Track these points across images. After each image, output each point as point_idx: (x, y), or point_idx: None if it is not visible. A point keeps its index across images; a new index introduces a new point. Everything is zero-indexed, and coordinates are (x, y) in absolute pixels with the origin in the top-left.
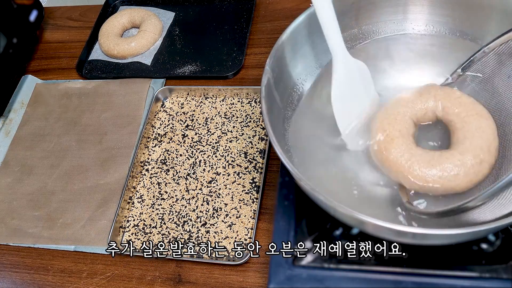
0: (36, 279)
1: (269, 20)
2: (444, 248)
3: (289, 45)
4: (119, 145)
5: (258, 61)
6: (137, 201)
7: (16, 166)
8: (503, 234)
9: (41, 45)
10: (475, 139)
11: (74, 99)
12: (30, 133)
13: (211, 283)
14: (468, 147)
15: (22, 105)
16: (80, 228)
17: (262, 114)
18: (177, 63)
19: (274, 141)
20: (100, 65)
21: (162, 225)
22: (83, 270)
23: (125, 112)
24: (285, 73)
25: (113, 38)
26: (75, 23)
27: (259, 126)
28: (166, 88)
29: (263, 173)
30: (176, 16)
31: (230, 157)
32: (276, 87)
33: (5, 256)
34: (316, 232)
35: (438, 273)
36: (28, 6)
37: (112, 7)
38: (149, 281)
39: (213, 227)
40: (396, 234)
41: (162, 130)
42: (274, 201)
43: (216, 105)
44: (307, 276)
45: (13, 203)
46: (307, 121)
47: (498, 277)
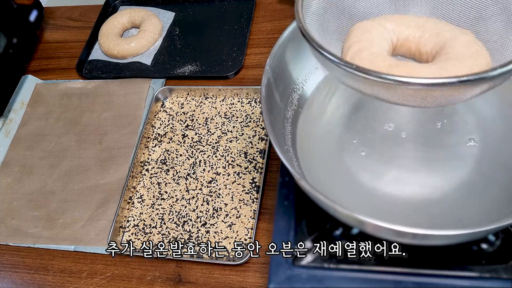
0: (36, 279)
1: (269, 20)
2: (444, 248)
3: (289, 45)
4: (119, 145)
5: (258, 61)
6: (137, 201)
7: (16, 166)
8: (503, 234)
9: (41, 45)
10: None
11: (74, 99)
12: (30, 133)
13: (211, 283)
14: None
15: (22, 105)
16: (80, 228)
17: (262, 114)
18: (177, 63)
19: (274, 141)
20: (100, 65)
21: (162, 225)
22: (83, 270)
23: (125, 112)
24: (285, 73)
25: (113, 38)
26: (75, 23)
27: (259, 126)
28: (166, 88)
29: (263, 173)
30: (176, 16)
31: (230, 157)
32: (276, 87)
33: (5, 256)
34: (316, 232)
35: (438, 273)
36: (28, 6)
37: (112, 7)
38: (149, 281)
39: (213, 227)
40: (396, 234)
41: (162, 130)
42: (274, 201)
43: (216, 105)
44: (307, 276)
45: (13, 203)
46: (307, 121)
47: (498, 277)
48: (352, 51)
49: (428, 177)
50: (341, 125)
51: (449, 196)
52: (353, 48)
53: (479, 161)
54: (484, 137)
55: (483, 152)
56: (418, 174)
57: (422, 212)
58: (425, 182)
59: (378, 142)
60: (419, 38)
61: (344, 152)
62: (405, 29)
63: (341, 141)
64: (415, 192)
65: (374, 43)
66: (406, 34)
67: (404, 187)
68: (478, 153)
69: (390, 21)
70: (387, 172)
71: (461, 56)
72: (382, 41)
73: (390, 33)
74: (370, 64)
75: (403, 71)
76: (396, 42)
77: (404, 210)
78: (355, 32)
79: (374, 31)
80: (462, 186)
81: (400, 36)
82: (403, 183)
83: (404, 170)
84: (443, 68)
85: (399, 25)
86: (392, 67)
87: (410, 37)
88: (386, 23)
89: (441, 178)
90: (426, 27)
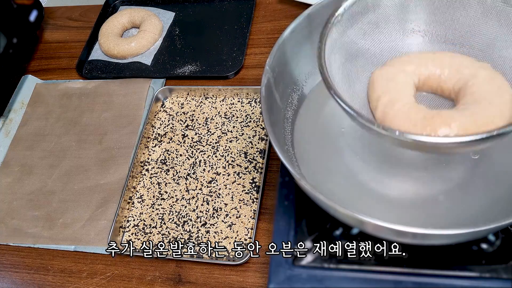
0: (36, 279)
1: (269, 20)
2: (444, 248)
3: (289, 45)
4: (119, 145)
5: (258, 61)
6: (137, 201)
7: (16, 166)
8: (503, 234)
9: (41, 45)
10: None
11: (74, 99)
12: (30, 133)
13: (211, 283)
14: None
15: (22, 105)
16: (80, 228)
17: (262, 114)
18: (177, 63)
19: (274, 141)
20: (100, 65)
21: (162, 225)
22: (83, 270)
23: (125, 112)
24: (285, 73)
25: (113, 38)
26: (75, 23)
27: (259, 126)
28: (166, 88)
29: (263, 173)
30: (176, 16)
31: (230, 157)
32: (276, 87)
33: (5, 256)
34: (316, 232)
35: (438, 273)
36: (28, 6)
37: (112, 7)
38: (149, 281)
39: (213, 227)
40: (396, 234)
41: (162, 130)
42: (274, 201)
43: (216, 105)
44: (307, 276)
45: (13, 203)
46: (307, 121)
47: (498, 277)
48: (382, 103)
49: (428, 177)
50: (341, 125)
51: (449, 196)
52: (383, 100)
53: (480, 161)
54: None
55: (483, 151)
56: (418, 174)
57: (422, 212)
58: (425, 181)
59: (378, 142)
60: (439, 77)
61: (344, 152)
62: (425, 69)
63: (341, 141)
64: (415, 192)
65: (401, 92)
66: (426, 74)
67: (404, 187)
68: (478, 153)
69: (408, 63)
70: (387, 172)
71: (488, 96)
72: (408, 88)
73: (411, 76)
74: (406, 118)
75: (438, 121)
76: (418, 82)
77: (405, 209)
78: (379, 82)
79: (398, 79)
80: (462, 186)
81: (421, 77)
82: (403, 183)
83: (404, 170)
84: (476, 114)
85: (418, 66)
86: (427, 119)
87: (431, 76)
88: (405, 66)
89: (441, 178)
90: (444, 63)
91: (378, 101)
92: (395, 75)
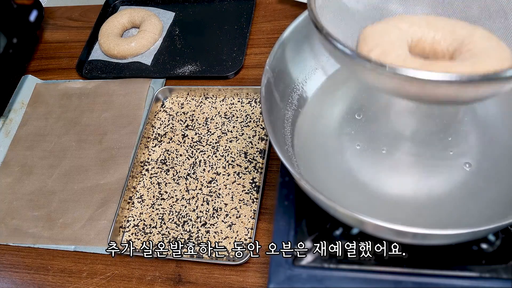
0: (36, 279)
1: (269, 20)
2: (444, 248)
3: (289, 45)
4: (119, 145)
5: (258, 61)
6: (137, 201)
7: (16, 166)
8: (503, 234)
9: (41, 45)
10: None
11: (74, 99)
12: (30, 133)
13: (211, 283)
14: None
15: (22, 105)
16: (80, 228)
17: (262, 114)
18: (177, 63)
19: (274, 141)
20: (100, 65)
21: (162, 225)
22: (83, 270)
23: (125, 112)
24: (285, 73)
25: (113, 38)
26: (75, 23)
27: (259, 126)
28: (166, 88)
29: (263, 173)
30: (176, 16)
31: (230, 157)
32: (276, 87)
33: (5, 256)
34: (316, 232)
35: (438, 273)
36: (28, 6)
37: (112, 7)
38: (149, 281)
39: (213, 227)
40: (396, 234)
41: (162, 130)
42: (274, 201)
43: (216, 105)
44: (307, 276)
45: (13, 203)
46: (307, 121)
47: (498, 277)
48: (375, 54)
49: (429, 177)
50: (341, 125)
51: (450, 196)
52: (375, 51)
53: (480, 161)
54: (485, 137)
55: (483, 151)
56: (418, 174)
57: (422, 212)
58: (426, 181)
59: (378, 142)
60: (433, 37)
61: (344, 152)
62: (418, 29)
63: (341, 141)
64: (415, 191)
65: (396, 46)
66: (419, 34)
67: (404, 186)
68: (478, 153)
69: (402, 21)
70: (387, 172)
71: (486, 50)
72: (403, 43)
73: (404, 34)
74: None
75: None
76: (411, 43)
77: (404, 210)
78: (371, 36)
79: (391, 34)
80: (462, 186)
81: (414, 37)
82: (403, 183)
83: (404, 170)
84: (476, 63)
85: (411, 25)
86: (426, 66)
87: (424, 37)
88: (400, 24)
89: (442, 178)
90: (438, 25)
91: (370, 53)
92: (389, 30)
